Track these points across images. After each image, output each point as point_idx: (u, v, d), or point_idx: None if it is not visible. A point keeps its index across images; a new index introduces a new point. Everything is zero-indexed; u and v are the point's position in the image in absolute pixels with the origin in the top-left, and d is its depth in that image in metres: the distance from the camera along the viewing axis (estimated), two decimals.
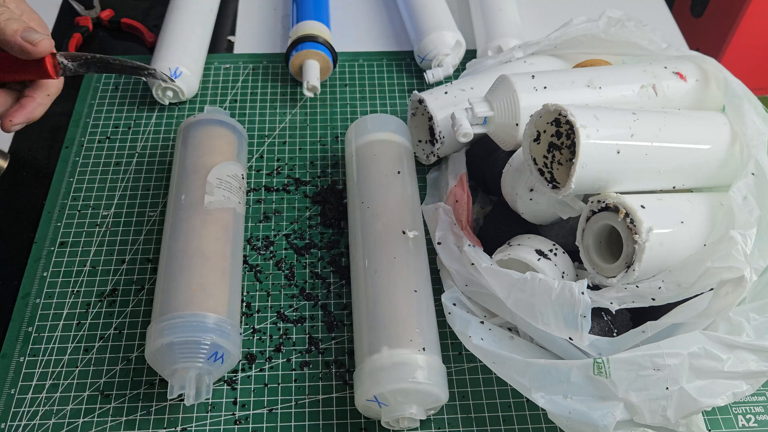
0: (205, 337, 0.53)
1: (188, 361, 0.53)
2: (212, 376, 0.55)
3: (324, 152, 0.76)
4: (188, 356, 0.53)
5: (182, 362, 0.53)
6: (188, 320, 0.54)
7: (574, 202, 0.56)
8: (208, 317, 0.54)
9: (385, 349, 0.54)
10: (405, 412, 0.52)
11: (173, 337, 0.53)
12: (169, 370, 0.53)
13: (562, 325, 0.52)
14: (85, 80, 0.81)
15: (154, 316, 0.56)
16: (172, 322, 0.54)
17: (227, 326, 0.55)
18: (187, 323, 0.53)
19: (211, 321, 0.54)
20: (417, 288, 0.58)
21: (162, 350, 0.53)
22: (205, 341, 0.53)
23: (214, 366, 0.54)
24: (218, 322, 0.55)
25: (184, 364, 0.53)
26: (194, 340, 0.53)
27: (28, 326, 0.61)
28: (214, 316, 0.55)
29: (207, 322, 0.54)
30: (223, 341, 0.54)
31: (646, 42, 0.67)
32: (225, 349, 0.54)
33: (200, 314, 0.54)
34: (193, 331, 0.53)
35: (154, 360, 0.54)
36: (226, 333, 0.55)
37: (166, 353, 0.53)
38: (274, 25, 0.91)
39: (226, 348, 0.54)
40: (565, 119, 0.51)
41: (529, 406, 0.58)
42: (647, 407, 0.50)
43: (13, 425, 0.56)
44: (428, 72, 0.80)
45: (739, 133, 0.58)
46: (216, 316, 0.55)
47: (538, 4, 0.94)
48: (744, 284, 0.50)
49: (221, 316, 0.55)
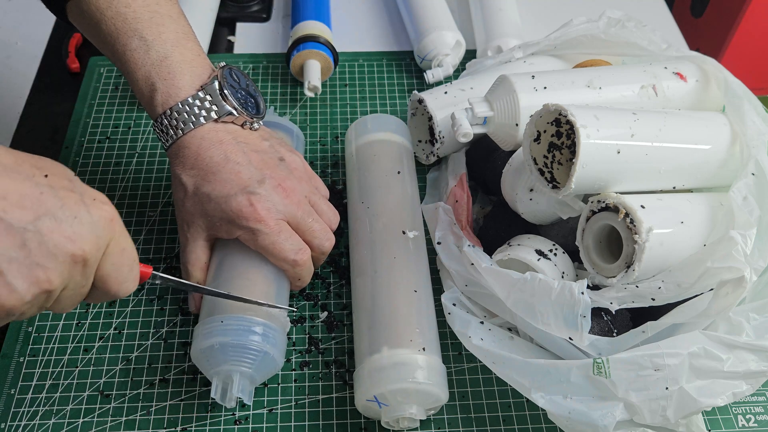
0: (258, 342, 0.53)
1: (237, 364, 0.53)
2: (255, 381, 0.55)
3: (324, 152, 0.76)
4: (239, 359, 0.53)
5: (232, 364, 0.53)
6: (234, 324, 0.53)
7: (574, 202, 0.56)
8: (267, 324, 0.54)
9: (385, 349, 0.54)
10: (405, 412, 0.52)
11: (229, 338, 0.52)
12: (215, 370, 0.53)
13: (562, 325, 0.52)
14: (85, 80, 0.81)
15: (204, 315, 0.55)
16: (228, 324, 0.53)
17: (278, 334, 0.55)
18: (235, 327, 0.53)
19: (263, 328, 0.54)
20: (417, 288, 0.58)
21: (211, 351, 0.53)
22: (258, 347, 0.53)
23: (259, 372, 0.54)
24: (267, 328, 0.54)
25: (233, 367, 0.53)
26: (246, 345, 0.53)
27: (28, 326, 0.61)
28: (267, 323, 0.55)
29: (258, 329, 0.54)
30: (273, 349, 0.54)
31: (646, 42, 0.67)
32: (272, 356, 0.54)
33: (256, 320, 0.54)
34: (247, 335, 0.53)
35: (199, 359, 0.54)
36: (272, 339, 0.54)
37: (216, 354, 0.53)
38: (274, 25, 0.91)
39: (273, 355, 0.54)
40: (566, 119, 0.51)
41: (529, 406, 0.58)
42: (647, 407, 0.50)
43: (13, 425, 0.56)
44: (428, 72, 0.80)
45: (739, 133, 0.58)
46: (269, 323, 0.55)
47: (538, 4, 0.94)
48: (744, 284, 0.50)
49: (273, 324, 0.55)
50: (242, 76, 0.60)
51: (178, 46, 0.58)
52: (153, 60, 0.57)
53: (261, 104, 0.61)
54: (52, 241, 0.40)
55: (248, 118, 0.58)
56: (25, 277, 0.40)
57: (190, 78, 0.57)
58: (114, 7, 0.57)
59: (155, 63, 0.57)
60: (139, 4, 0.58)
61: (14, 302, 0.40)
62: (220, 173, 0.55)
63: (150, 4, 0.58)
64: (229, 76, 0.58)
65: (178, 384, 0.58)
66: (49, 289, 0.41)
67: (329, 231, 0.60)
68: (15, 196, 0.40)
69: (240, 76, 0.60)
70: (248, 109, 0.58)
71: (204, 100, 0.56)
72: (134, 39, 0.57)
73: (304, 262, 0.57)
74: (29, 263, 0.40)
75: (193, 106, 0.56)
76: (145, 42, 0.57)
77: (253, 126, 0.59)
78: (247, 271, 0.57)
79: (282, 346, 0.56)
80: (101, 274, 0.45)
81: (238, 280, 0.56)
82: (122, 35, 0.57)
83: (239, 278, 0.56)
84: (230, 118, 0.57)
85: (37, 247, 0.40)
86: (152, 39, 0.57)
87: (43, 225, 0.40)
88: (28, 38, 0.87)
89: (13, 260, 0.40)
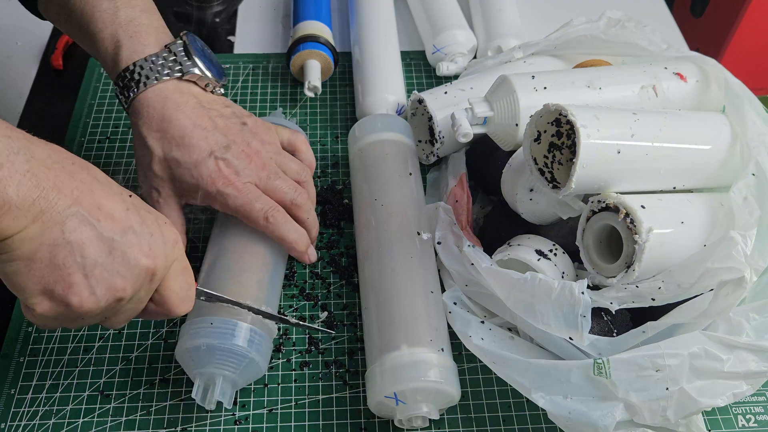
0: (244, 348, 0.53)
1: (221, 367, 0.53)
2: (237, 385, 0.55)
3: (324, 152, 0.76)
4: (223, 363, 0.53)
5: (216, 367, 0.53)
6: (223, 328, 0.53)
7: (574, 202, 0.56)
8: (255, 330, 0.54)
9: (404, 347, 0.54)
10: (420, 411, 0.53)
11: (216, 341, 0.52)
12: (198, 371, 0.53)
13: (562, 325, 0.52)
14: (85, 80, 0.81)
15: (193, 315, 0.55)
16: (217, 326, 0.53)
17: (264, 341, 0.55)
18: (223, 330, 0.53)
19: (251, 333, 0.54)
20: (433, 289, 0.58)
21: (197, 351, 0.53)
22: (244, 353, 0.53)
23: (242, 376, 0.54)
24: (255, 334, 0.54)
25: (216, 370, 0.53)
26: (233, 350, 0.53)
27: (28, 326, 0.61)
28: (255, 328, 0.54)
29: (246, 334, 0.54)
30: (258, 356, 0.54)
31: (646, 43, 0.67)
32: (256, 362, 0.54)
33: (244, 325, 0.54)
34: (235, 340, 0.53)
35: (184, 357, 0.54)
36: (258, 345, 0.54)
37: (202, 355, 0.53)
38: (274, 25, 0.91)
39: (258, 362, 0.54)
40: (566, 119, 0.51)
41: (529, 406, 0.58)
42: (647, 407, 0.50)
43: (13, 425, 0.56)
44: (442, 63, 0.81)
45: (739, 133, 0.58)
46: (256, 329, 0.55)
47: (538, 4, 0.95)
48: (744, 285, 0.50)
49: (260, 330, 0.55)
50: (205, 47, 0.62)
51: (146, 13, 0.59)
52: (121, 20, 0.58)
53: (222, 72, 0.62)
54: (132, 253, 0.45)
55: (212, 80, 0.59)
56: (105, 283, 0.44)
57: (155, 38, 0.59)
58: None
59: (123, 23, 0.58)
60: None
61: (91, 305, 0.44)
62: (188, 138, 0.56)
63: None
64: (193, 40, 0.60)
65: (178, 384, 0.58)
66: (122, 297, 0.45)
67: (296, 186, 0.60)
68: (107, 209, 0.44)
69: (204, 46, 0.61)
70: (212, 72, 0.59)
71: (168, 58, 0.58)
72: (104, 2, 0.58)
73: (276, 218, 0.58)
74: (111, 271, 0.44)
75: (158, 62, 0.57)
76: (114, 4, 0.58)
77: (215, 90, 0.60)
78: (240, 274, 0.57)
79: (267, 353, 0.56)
80: (164, 292, 0.49)
81: (230, 282, 0.56)
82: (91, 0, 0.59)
83: (231, 281, 0.57)
84: (194, 77, 0.58)
85: (120, 257, 0.44)
86: (121, 3, 0.59)
87: (127, 238, 0.45)
88: (28, 38, 0.87)
89: (97, 266, 0.43)
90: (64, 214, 0.42)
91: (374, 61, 0.78)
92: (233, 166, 0.57)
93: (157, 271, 0.46)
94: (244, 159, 0.58)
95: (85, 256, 0.43)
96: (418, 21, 0.87)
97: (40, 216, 0.41)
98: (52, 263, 0.42)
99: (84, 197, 0.43)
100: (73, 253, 0.43)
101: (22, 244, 0.42)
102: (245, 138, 0.59)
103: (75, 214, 0.43)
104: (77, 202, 0.43)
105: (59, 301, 0.43)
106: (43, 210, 0.41)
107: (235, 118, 0.60)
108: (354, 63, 0.81)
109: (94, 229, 0.43)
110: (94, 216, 0.43)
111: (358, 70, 0.79)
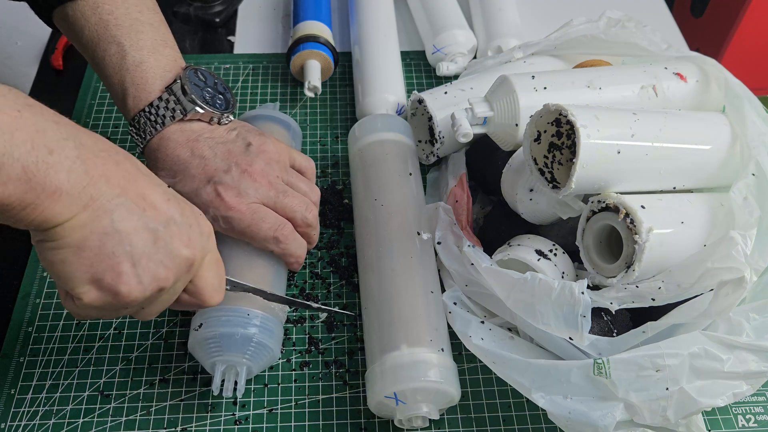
0: (258, 334, 0.54)
1: (237, 355, 0.54)
2: (252, 372, 0.56)
3: (324, 152, 0.76)
4: (239, 350, 0.54)
5: (231, 355, 0.54)
6: (241, 315, 0.54)
7: (574, 202, 0.56)
8: (266, 317, 0.55)
9: (404, 347, 0.54)
10: (420, 411, 0.53)
11: (224, 329, 0.54)
12: (213, 360, 0.54)
13: (562, 325, 0.52)
14: (85, 80, 0.81)
15: None
16: (233, 314, 0.54)
17: (276, 327, 0.56)
18: (241, 318, 0.54)
19: (263, 320, 0.55)
20: (433, 289, 0.58)
21: (213, 341, 0.54)
22: (259, 339, 0.54)
23: (258, 363, 0.56)
24: (267, 320, 0.55)
25: (232, 358, 0.54)
26: (247, 337, 0.54)
27: (28, 326, 0.61)
28: (267, 315, 0.56)
29: (258, 321, 0.55)
30: (271, 341, 0.55)
31: (646, 43, 0.67)
32: (271, 348, 0.55)
33: (256, 312, 0.55)
34: (244, 327, 0.54)
35: (199, 348, 0.55)
36: (270, 331, 0.55)
37: (218, 344, 0.54)
38: (274, 25, 0.91)
39: (273, 348, 0.55)
40: (566, 119, 0.51)
41: (529, 406, 0.58)
42: (647, 407, 0.50)
43: (13, 425, 0.56)
44: (442, 63, 0.80)
45: (739, 133, 0.58)
46: (268, 316, 0.56)
47: (538, 4, 0.95)
48: (744, 285, 0.50)
49: (270, 315, 0.56)
50: (209, 75, 0.61)
51: (154, 53, 0.59)
52: (128, 66, 0.58)
53: (231, 100, 0.61)
54: (174, 243, 0.45)
55: (215, 113, 0.59)
56: (151, 273, 0.44)
57: (160, 82, 0.58)
58: (98, 14, 0.59)
59: (129, 69, 0.58)
60: (122, 12, 0.59)
61: (138, 295, 0.44)
62: (187, 170, 0.57)
63: (132, 12, 0.59)
64: (193, 75, 0.59)
65: (178, 384, 0.58)
66: (164, 286, 0.45)
67: (308, 202, 0.60)
68: (150, 199, 0.45)
69: (207, 75, 0.61)
70: (216, 105, 0.59)
71: (168, 100, 0.57)
72: (113, 45, 0.58)
73: (285, 236, 0.58)
74: (156, 260, 0.44)
75: (159, 107, 0.57)
76: (122, 48, 0.58)
77: (221, 121, 0.60)
78: (241, 273, 0.57)
79: (279, 338, 0.57)
80: (198, 282, 0.49)
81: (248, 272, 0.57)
82: (102, 41, 0.59)
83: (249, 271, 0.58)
84: (196, 115, 0.58)
85: (164, 247, 0.45)
86: (129, 45, 0.58)
87: (169, 228, 0.45)
88: (28, 38, 0.87)
89: (144, 255, 0.44)
90: (113, 203, 0.42)
91: (374, 61, 0.78)
92: (234, 188, 0.56)
93: (195, 261, 0.47)
94: (247, 179, 0.57)
95: (133, 246, 0.43)
96: (418, 21, 0.87)
97: (90, 204, 0.41)
98: (101, 252, 0.42)
99: (130, 187, 0.44)
100: (122, 243, 0.43)
101: (72, 231, 0.41)
102: (248, 159, 0.58)
103: (123, 203, 0.43)
104: (124, 192, 0.43)
105: (108, 290, 0.43)
106: (93, 197, 0.41)
107: (240, 140, 0.59)
108: (354, 63, 0.81)
109: (140, 218, 0.43)
110: (139, 206, 0.44)
111: (358, 70, 0.79)
